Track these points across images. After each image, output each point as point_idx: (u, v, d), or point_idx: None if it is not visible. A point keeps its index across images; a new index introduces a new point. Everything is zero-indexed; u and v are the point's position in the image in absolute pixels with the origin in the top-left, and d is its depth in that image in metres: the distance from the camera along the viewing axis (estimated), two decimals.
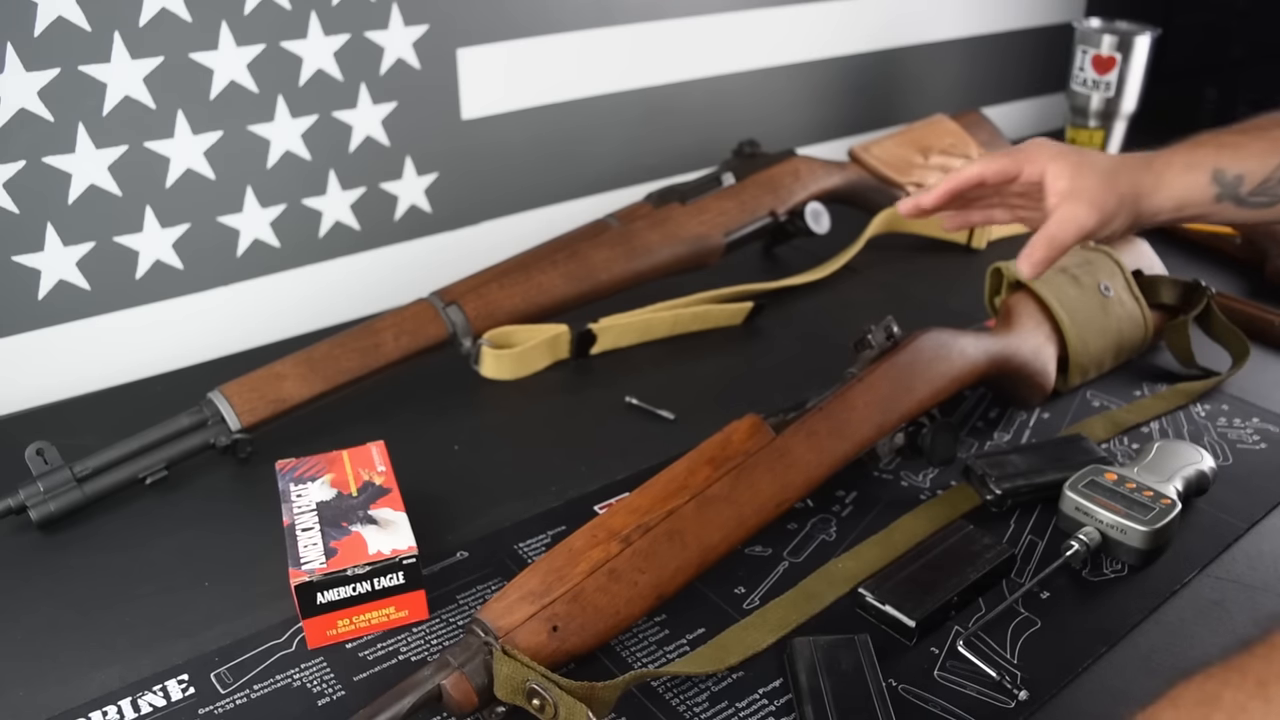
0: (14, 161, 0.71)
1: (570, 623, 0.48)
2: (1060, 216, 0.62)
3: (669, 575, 0.52)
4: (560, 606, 0.48)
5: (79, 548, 0.61)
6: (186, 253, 0.81)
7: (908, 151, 1.02)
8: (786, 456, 0.57)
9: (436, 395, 0.76)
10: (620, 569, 0.50)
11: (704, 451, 0.56)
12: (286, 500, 0.57)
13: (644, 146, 1.05)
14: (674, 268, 0.85)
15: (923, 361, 0.64)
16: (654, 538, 0.52)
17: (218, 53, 0.77)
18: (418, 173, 0.91)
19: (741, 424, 0.58)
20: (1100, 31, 1.15)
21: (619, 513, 0.53)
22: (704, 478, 0.55)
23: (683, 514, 0.53)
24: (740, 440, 0.57)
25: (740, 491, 0.55)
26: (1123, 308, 0.75)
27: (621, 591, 0.50)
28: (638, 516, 0.52)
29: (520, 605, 0.48)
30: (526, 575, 0.50)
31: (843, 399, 0.61)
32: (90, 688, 0.51)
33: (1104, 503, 0.57)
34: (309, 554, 0.53)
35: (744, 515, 0.55)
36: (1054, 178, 0.63)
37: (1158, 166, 0.63)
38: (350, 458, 0.61)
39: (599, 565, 0.50)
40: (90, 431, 0.69)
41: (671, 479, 0.55)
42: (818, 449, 0.59)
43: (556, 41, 0.95)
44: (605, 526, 0.52)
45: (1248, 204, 0.61)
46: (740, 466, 0.55)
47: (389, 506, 0.56)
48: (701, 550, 0.53)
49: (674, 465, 0.56)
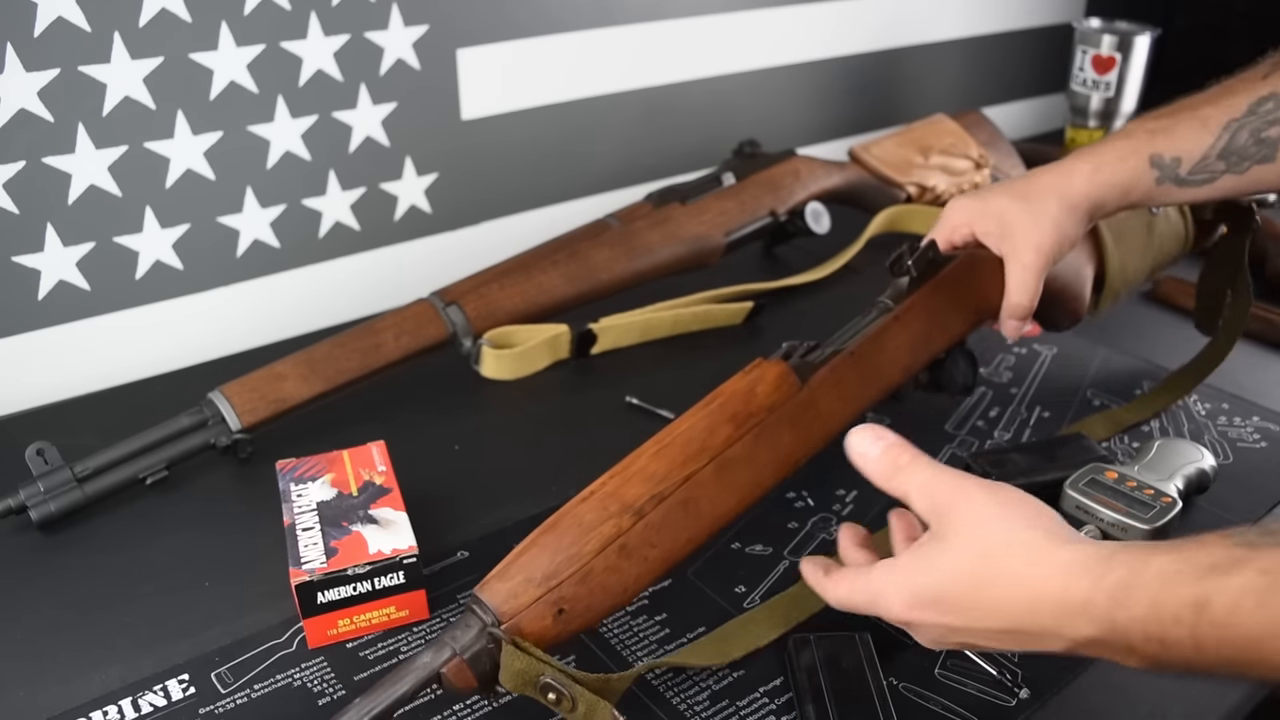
0: (14, 161, 0.71)
1: (576, 604, 0.46)
2: (1011, 284, 0.60)
3: (680, 546, 0.49)
4: (568, 589, 0.46)
5: (79, 548, 0.61)
6: (186, 253, 0.81)
7: (908, 151, 1.02)
8: (812, 409, 0.53)
9: (437, 395, 0.76)
10: (631, 544, 0.47)
11: (726, 406, 0.51)
12: (287, 500, 0.57)
13: (644, 146, 1.05)
14: (674, 268, 0.85)
15: (963, 291, 0.60)
16: (668, 508, 0.48)
17: (218, 53, 0.77)
18: (418, 173, 0.91)
19: (767, 373, 0.52)
20: (1100, 31, 1.15)
21: (633, 480, 0.48)
22: (725, 438, 0.50)
23: (699, 479, 0.49)
24: (766, 393, 0.52)
25: (761, 451, 0.51)
26: (1168, 224, 0.71)
27: (631, 568, 0.47)
28: (652, 485, 0.48)
29: (526, 589, 0.45)
30: (533, 553, 0.47)
31: (876, 341, 0.55)
32: (91, 687, 0.51)
33: (1105, 501, 0.57)
34: (309, 554, 0.53)
35: (761, 477, 0.52)
36: (984, 237, 0.61)
37: (1087, 167, 0.60)
38: (351, 457, 0.61)
39: (610, 541, 0.47)
40: (90, 431, 0.69)
41: (690, 440, 0.50)
42: (844, 398, 0.54)
43: (556, 41, 0.95)
44: (617, 498, 0.48)
45: (1189, 184, 0.59)
46: (763, 424, 0.51)
47: (389, 506, 0.56)
48: (715, 518, 0.50)
49: (692, 419, 0.51)
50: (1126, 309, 0.88)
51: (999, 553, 0.42)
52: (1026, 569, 0.41)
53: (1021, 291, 0.59)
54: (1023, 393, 0.75)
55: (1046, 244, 0.58)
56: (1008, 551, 0.42)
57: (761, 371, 0.53)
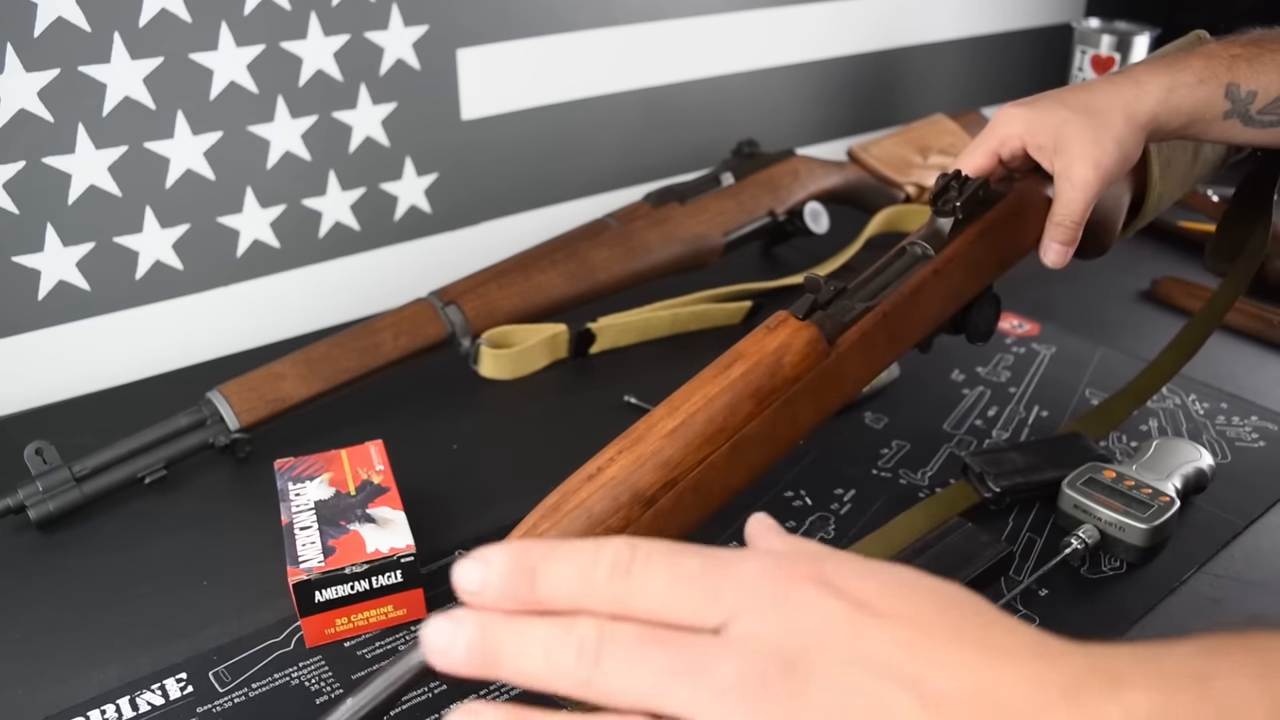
0: (14, 162, 0.71)
1: None
2: (1060, 204, 0.55)
3: (684, 529, 0.46)
4: None
5: (77, 547, 0.61)
6: (186, 253, 0.81)
7: (907, 151, 1.02)
8: (837, 377, 0.49)
9: (435, 395, 0.77)
10: (639, 535, 0.43)
11: (749, 379, 0.47)
12: (285, 499, 0.57)
13: (644, 146, 1.05)
14: (673, 267, 0.85)
15: (1007, 237, 0.54)
16: (679, 493, 0.45)
17: (218, 53, 0.77)
18: (418, 173, 0.91)
19: (794, 340, 0.48)
20: (1099, 32, 1.15)
21: (645, 465, 0.45)
22: (745, 415, 0.46)
23: (714, 462, 0.46)
24: (793, 364, 0.47)
25: (780, 426, 0.47)
26: (1214, 152, 0.66)
27: None
28: (667, 471, 0.45)
29: None
30: None
31: (912, 298, 0.50)
32: (89, 687, 0.51)
33: (1103, 500, 0.57)
34: (307, 552, 0.53)
35: (776, 451, 0.48)
36: (1036, 151, 0.56)
37: (1161, 85, 0.54)
38: (349, 457, 0.61)
39: (617, 534, 0.43)
40: (89, 431, 0.69)
41: (711, 419, 0.46)
42: (869, 361, 0.50)
43: (556, 41, 0.95)
44: (629, 486, 0.44)
45: (1255, 123, 0.55)
46: (787, 398, 0.47)
47: (387, 505, 0.57)
48: (724, 497, 0.47)
49: (711, 392, 0.47)
50: (1125, 309, 0.88)
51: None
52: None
53: (1071, 212, 0.54)
54: (1021, 391, 0.75)
55: (1106, 162, 0.53)
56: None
57: (789, 337, 0.48)
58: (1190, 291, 0.86)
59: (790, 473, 0.66)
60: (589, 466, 0.46)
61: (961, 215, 0.54)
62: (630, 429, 0.47)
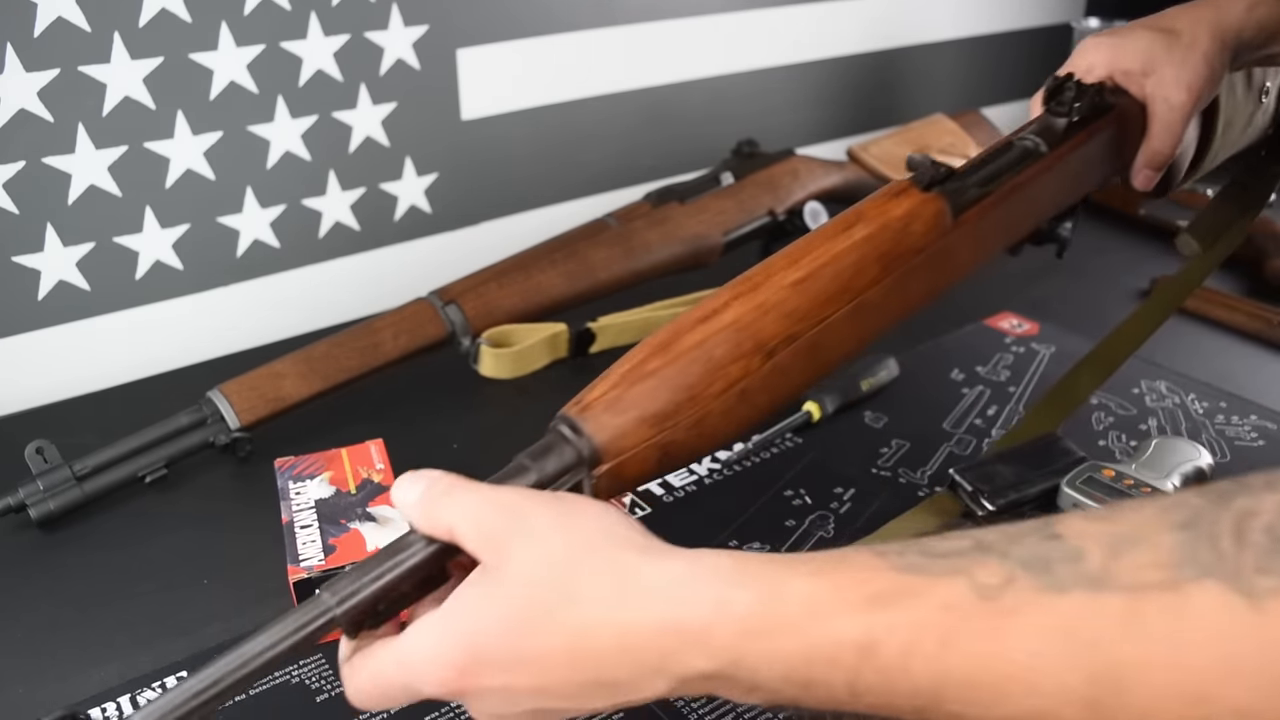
0: (14, 162, 0.71)
1: (679, 450, 0.41)
2: (1155, 128, 0.54)
3: (790, 393, 0.44)
4: (680, 433, 0.40)
5: (78, 546, 0.61)
6: (186, 253, 0.81)
7: (906, 151, 1.02)
8: (952, 257, 0.47)
9: (435, 394, 0.77)
10: (752, 389, 0.42)
11: (876, 242, 0.45)
12: (285, 498, 0.57)
13: (644, 146, 1.06)
14: (673, 267, 0.85)
15: (1110, 146, 0.53)
16: (796, 351, 0.43)
17: (218, 53, 0.77)
18: (418, 173, 0.91)
19: (923, 208, 0.46)
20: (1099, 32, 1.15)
21: (770, 314, 0.42)
22: (869, 280, 0.44)
23: (832, 324, 0.44)
24: (919, 233, 0.45)
25: (894, 297, 0.45)
26: (1264, 118, 0.66)
27: (742, 414, 0.42)
28: (790, 324, 0.42)
29: (639, 429, 0.39)
30: (650, 385, 0.40)
31: (1026, 190, 0.49)
32: (89, 685, 0.51)
33: (1102, 499, 0.57)
34: (307, 551, 0.53)
35: (885, 323, 0.46)
36: (1123, 78, 0.55)
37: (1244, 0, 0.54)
38: (349, 456, 0.61)
39: (734, 384, 0.41)
40: (90, 431, 0.69)
41: (837, 275, 0.44)
42: (980, 247, 0.48)
43: (556, 41, 0.95)
44: (752, 333, 0.42)
45: None
46: (908, 268, 0.45)
47: (387, 504, 0.57)
48: (833, 362, 0.45)
49: (837, 248, 0.44)
50: (1125, 309, 0.88)
51: (569, 576, 0.33)
52: (613, 593, 0.32)
53: (1166, 136, 0.54)
54: (1020, 391, 0.75)
55: (1197, 83, 0.53)
56: (583, 572, 0.33)
57: (917, 206, 0.46)
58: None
59: (790, 472, 0.66)
60: (702, 308, 0.43)
61: (1077, 117, 0.52)
62: (745, 275, 0.44)
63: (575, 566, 0.33)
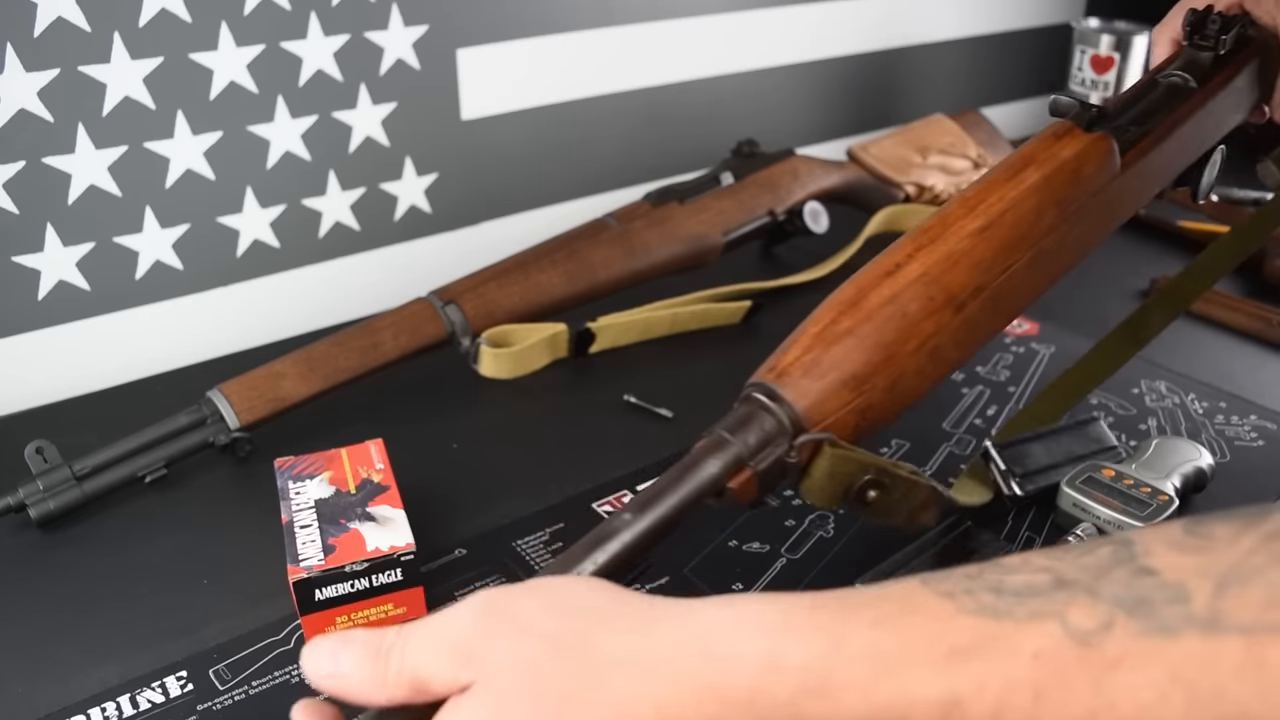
0: (14, 161, 0.71)
1: (875, 414, 0.39)
2: None
3: (972, 350, 0.42)
4: (877, 395, 0.38)
5: (78, 546, 0.61)
6: (186, 253, 0.81)
7: (906, 151, 1.02)
8: (1119, 199, 0.45)
9: (435, 394, 0.77)
10: (943, 346, 0.40)
11: (1052, 185, 0.43)
12: (285, 498, 0.57)
13: (644, 146, 1.06)
14: (673, 267, 0.85)
15: (1254, 78, 0.50)
16: (983, 304, 0.41)
17: (218, 53, 0.77)
18: (418, 173, 0.91)
19: (1094, 150, 0.44)
20: (1099, 31, 1.15)
21: (959, 264, 0.40)
22: (1048, 225, 0.42)
23: (1015, 273, 0.42)
24: (1091, 175, 0.43)
25: (1067, 245, 0.43)
26: None
27: (932, 372, 0.40)
28: (978, 274, 0.40)
29: (839, 392, 0.38)
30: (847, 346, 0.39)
31: (1185, 125, 0.47)
32: (89, 684, 0.51)
33: (1101, 499, 0.57)
34: (307, 551, 0.53)
35: (1055, 276, 0.44)
36: (1254, 6, 0.52)
37: None
38: (349, 455, 0.61)
39: (927, 340, 0.39)
40: (90, 430, 0.69)
41: (1017, 222, 0.42)
42: (1143, 187, 0.46)
43: (556, 41, 0.95)
44: (943, 285, 0.40)
45: None
46: (1080, 211, 0.43)
47: (387, 504, 0.57)
48: (1008, 318, 0.43)
49: (1015, 194, 0.42)
50: (1125, 308, 0.88)
51: (586, 653, 0.28)
52: (642, 659, 0.28)
53: None
54: (1020, 390, 0.75)
55: None
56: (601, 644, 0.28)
57: (1086, 147, 0.44)
58: None
59: None
60: (885, 262, 0.41)
61: (1223, 50, 0.49)
62: (923, 228, 0.43)
63: (589, 640, 0.29)
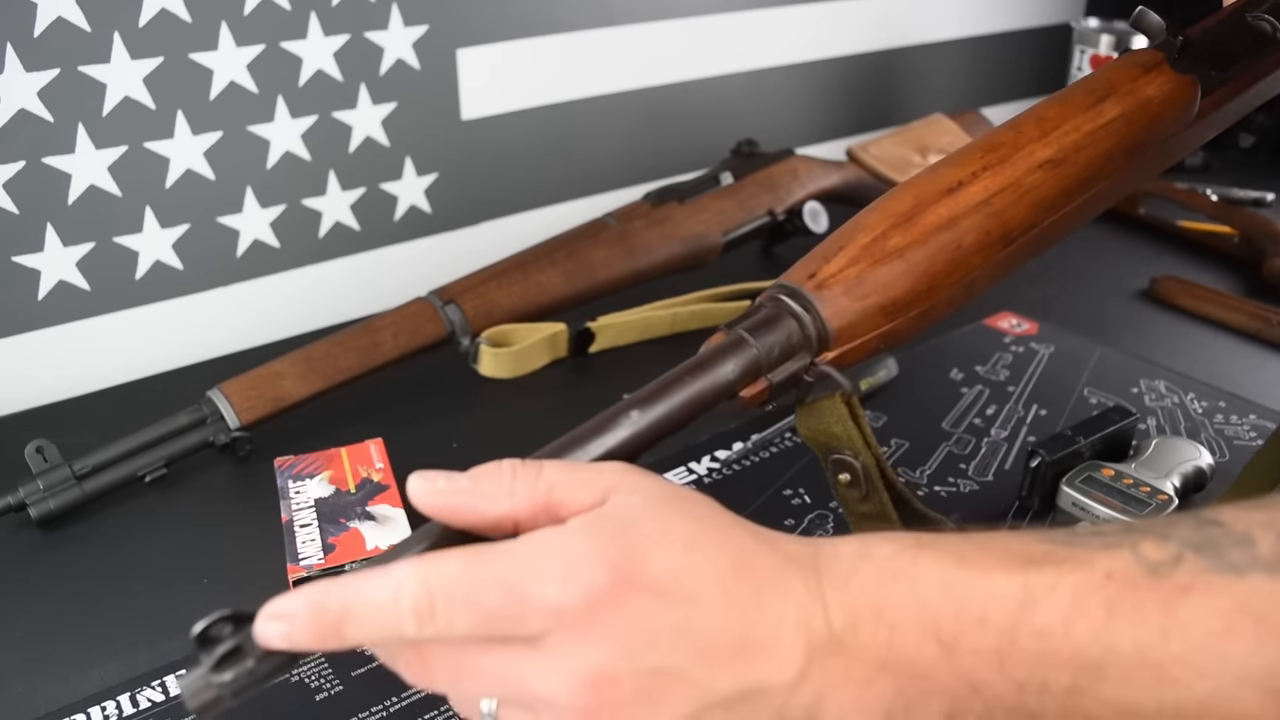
0: (14, 161, 0.71)
1: (895, 338, 0.38)
2: None
3: (999, 281, 0.40)
4: (907, 323, 0.37)
5: (78, 545, 0.61)
6: (186, 253, 0.81)
7: (906, 151, 1.02)
8: (1175, 147, 0.43)
9: (435, 393, 0.77)
10: (979, 279, 0.38)
11: (1132, 130, 0.40)
12: (285, 497, 0.57)
13: (644, 146, 1.06)
14: (672, 267, 0.85)
15: None
16: (1028, 240, 0.39)
17: (217, 53, 0.77)
18: (418, 173, 0.91)
19: (1180, 96, 0.42)
20: (1098, 31, 1.15)
21: (1024, 200, 0.39)
22: (1113, 169, 0.41)
23: (1067, 213, 0.40)
24: (1170, 121, 0.42)
25: (1116, 189, 0.42)
26: None
27: (960, 302, 0.39)
28: (1037, 214, 0.39)
29: (874, 317, 0.36)
30: (892, 269, 0.36)
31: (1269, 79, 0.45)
32: (88, 683, 0.51)
33: (1101, 498, 0.57)
34: (307, 550, 0.53)
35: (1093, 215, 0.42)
36: None
37: None
38: (349, 455, 0.61)
39: (970, 274, 0.38)
40: (90, 430, 0.69)
41: (1089, 162, 0.40)
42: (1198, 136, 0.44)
43: (556, 41, 0.95)
44: (1001, 220, 0.38)
45: None
46: (1145, 154, 0.42)
47: (387, 503, 0.57)
48: (1043, 251, 0.42)
49: (1092, 128, 0.41)
50: (1124, 308, 0.88)
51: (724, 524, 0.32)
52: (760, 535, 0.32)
53: None
54: (1020, 390, 0.75)
55: None
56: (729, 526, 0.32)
57: (1173, 89, 0.42)
58: (1189, 291, 0.86)
59: (789, 471, 0.66)
60: (947, 176, 0.39)
61: None
62: (992, 141, 0.40)
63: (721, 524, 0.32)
